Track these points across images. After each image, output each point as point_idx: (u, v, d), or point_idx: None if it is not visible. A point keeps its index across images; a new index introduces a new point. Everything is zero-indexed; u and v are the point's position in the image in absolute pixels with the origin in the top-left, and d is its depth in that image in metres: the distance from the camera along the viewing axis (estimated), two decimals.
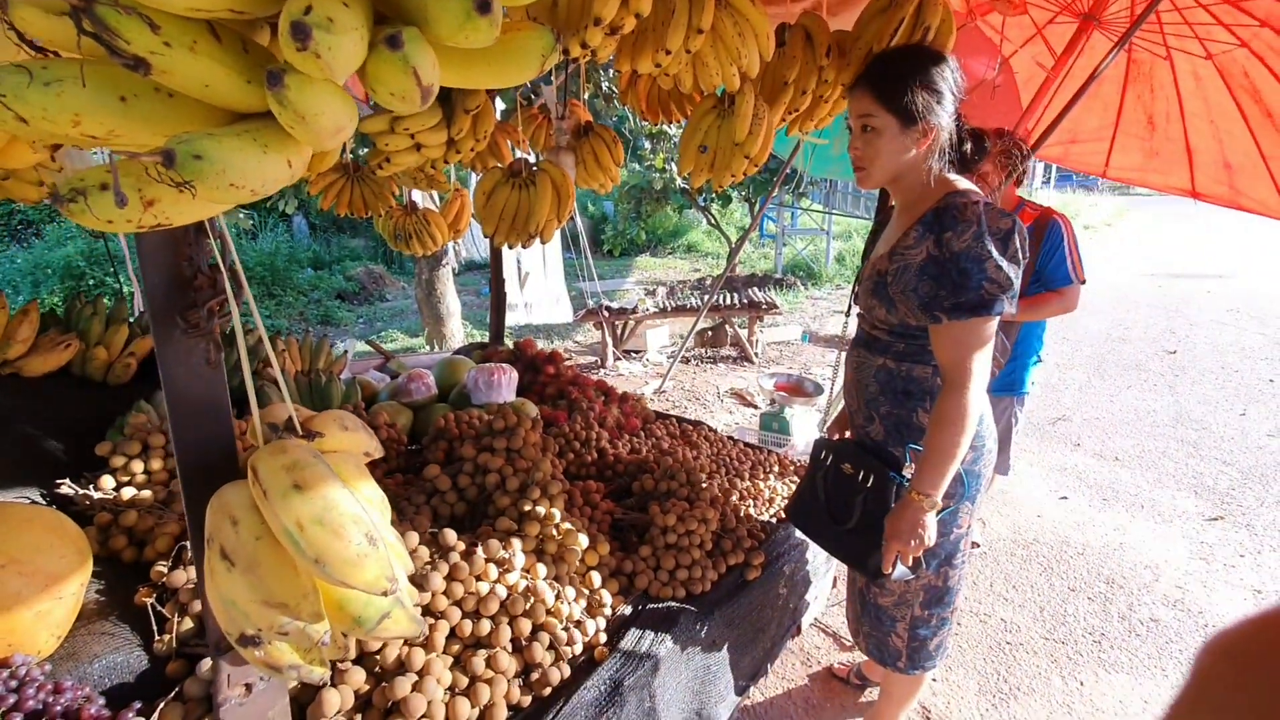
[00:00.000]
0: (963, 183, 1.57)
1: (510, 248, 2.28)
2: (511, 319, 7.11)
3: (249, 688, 0.78)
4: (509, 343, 3.54)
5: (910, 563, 1.59)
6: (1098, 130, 3.48)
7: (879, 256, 1.66)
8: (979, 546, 3.24)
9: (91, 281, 9.37)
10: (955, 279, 1.45)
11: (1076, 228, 2.77)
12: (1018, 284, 1.47)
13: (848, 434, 1.98)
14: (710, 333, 6.67)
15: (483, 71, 0.58)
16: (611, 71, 5.30)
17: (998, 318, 1.47)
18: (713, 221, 11.57)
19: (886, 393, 1.69)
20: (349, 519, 0.62)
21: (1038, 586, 3.00)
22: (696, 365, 6.26)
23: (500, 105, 4.76)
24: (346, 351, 2.80)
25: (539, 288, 7.24)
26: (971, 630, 2.72)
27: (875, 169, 1.56)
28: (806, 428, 3.69)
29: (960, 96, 1.55)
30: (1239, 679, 0.32)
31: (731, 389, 5.54)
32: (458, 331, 7.14)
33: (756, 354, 6.36)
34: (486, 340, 3.76)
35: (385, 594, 0.64)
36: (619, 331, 6.33)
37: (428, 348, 7.19)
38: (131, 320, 2.34)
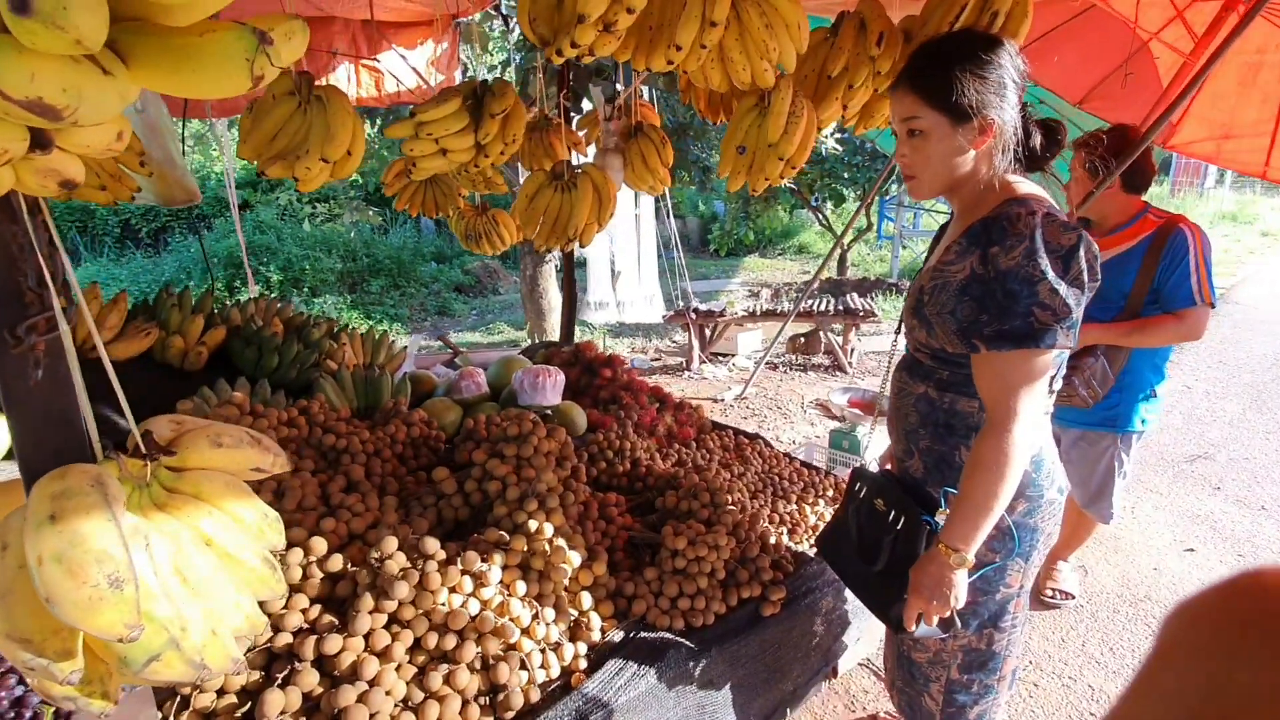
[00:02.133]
0: (1026, 186, 1.35)
1: (549, 252, 2.26)
2: (603, 317, 7.18)
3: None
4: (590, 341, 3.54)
5: (934, 621, 1.40)
6: (1256, 125, 2.95)
7: (925, 269, 1.47)
8: (1073, 598, 2.85)
9: (250, 268, 10.50)
10: (1000, 302, 1.25)
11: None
12: (1078, 313, 1.24)
13: (889, 466, 1.79)
14: (804, 339, 6.39)
15: (173, 80, 0.53)
16: None
17: (1050, 351, 1.25)
18: (824, 222, 11.11)
19: (927, 425, 1.50)
20: (93, 558, 0.60)
21: (1140, 652, 2.59)
22: (785, 372, 6.01)
23: (587, 105, 4.80)
24: (405, 348, 2.91)
25: (632, 287, 7.25)
26: (1051, 694, 2.40)
27: (926, 177, 1.36)
28: (881, 448, 3.42)
29: (1024, 84, 1.33)
30: (1202, 645, 0.32)
31: (817, 399, 5.27)
32: (558, 326, 7.30)
33: (851, 363, 6.01)
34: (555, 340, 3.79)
35: (121, 640, 0.61)
36: (707, 334, 6.21)
37: (530, 340, 7.42)
38: (216, 310, 2.55)
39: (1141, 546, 3.28)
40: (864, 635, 2.28)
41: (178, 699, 1.15)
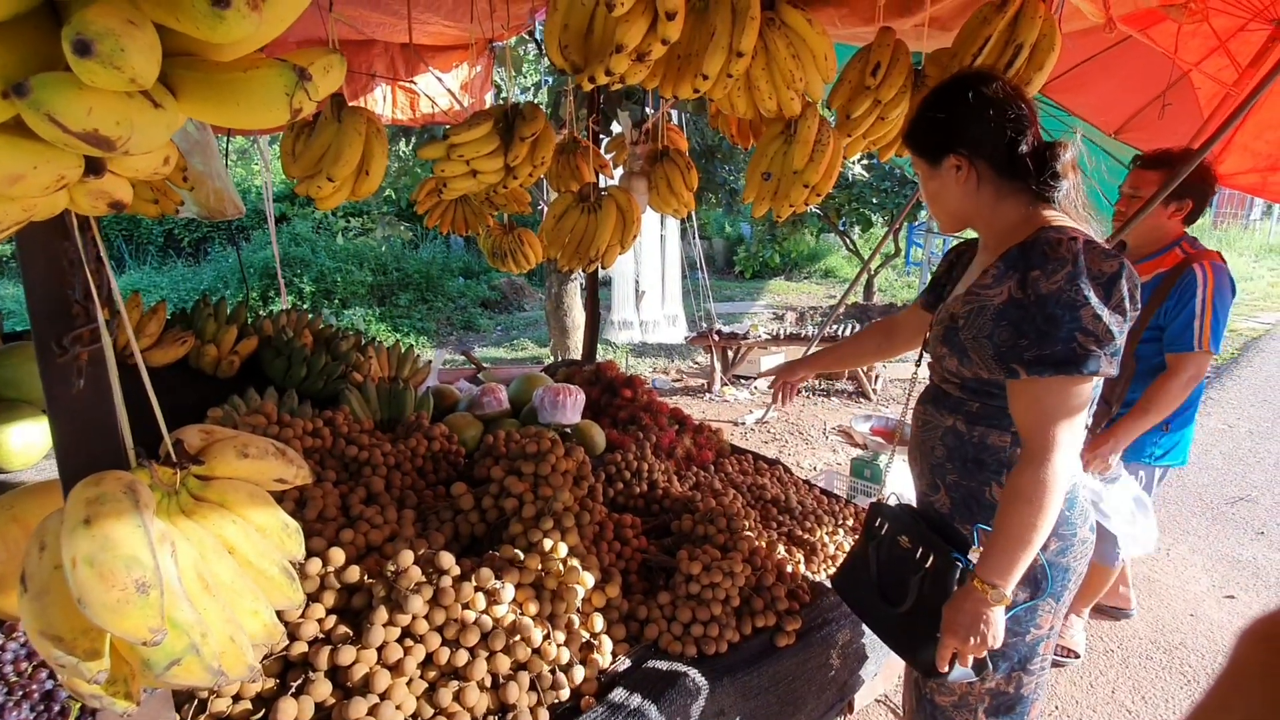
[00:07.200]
0: (1061, 219, 1.34)
1: (571, 272, 2.29)
2: (626, 337, 7.22)
3: None
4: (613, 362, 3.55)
5: (970, 663, 1.36)
6: None
7: (954, 298, 1.46)
8: (1078, 657, 2.72)
9: (284, 279, 10.75)
10: (1040, 326, 1.23)
11: None
12: (1121, 339, 1.22)
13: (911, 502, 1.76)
14: None
15: (218, 112, 0.56)
16: None
17: (1091, 380, 1.23)
18: (851, 247, 11.07)
19: (954, 459, 1.47)
20: (122, 563, 0.62)
21: (1174, 702, 2.49)
22: (808, 397, 5.96)
23: (616, 129, 4.87)
24: (430, 362, 2.95)
25: (655, 307, 7.29)
26: None
27: (936, 214, 1.47)
28: (904, 478, 3.37)
29: (1010, 113, 1.33)
30: (1274, 667, 0.31)
31: (839, 426, 5.21)
32: (582, 344, 7.35)
33: (875, 390, 5.94)
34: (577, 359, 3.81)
35: (145, 643, 0.63)
36: (730, 356, 6.20)
37: (553, 358, 7.48)
38: (250, 320, 2.62)
39: (1177, 591, 3.17)
40: (882, 671, 2.22)
41: (195, 702, 1.16)
